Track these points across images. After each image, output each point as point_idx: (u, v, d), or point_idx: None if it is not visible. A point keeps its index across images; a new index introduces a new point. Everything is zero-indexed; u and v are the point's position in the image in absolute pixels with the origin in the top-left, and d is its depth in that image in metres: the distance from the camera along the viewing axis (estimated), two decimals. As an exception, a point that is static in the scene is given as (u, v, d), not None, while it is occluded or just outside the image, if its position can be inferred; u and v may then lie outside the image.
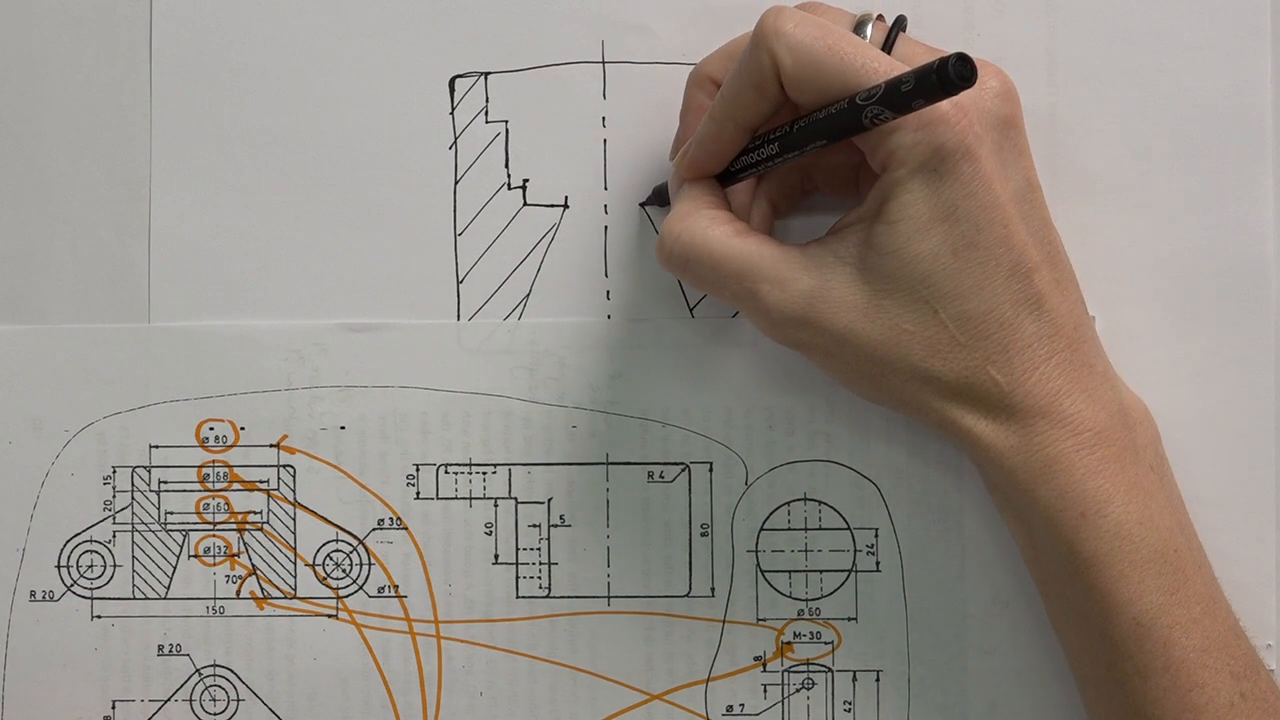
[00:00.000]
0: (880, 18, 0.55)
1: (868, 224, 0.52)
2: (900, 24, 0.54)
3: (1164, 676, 0.51)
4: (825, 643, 0.60)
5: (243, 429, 0.60)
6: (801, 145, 0.52)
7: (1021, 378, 0.51)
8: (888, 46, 0.53)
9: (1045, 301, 0.52)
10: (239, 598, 0.60)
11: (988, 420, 0.52)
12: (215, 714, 0.60)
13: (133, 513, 0.61)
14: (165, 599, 0.61)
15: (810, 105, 0.51)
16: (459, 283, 0.61)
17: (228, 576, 0.61)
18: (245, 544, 0.61)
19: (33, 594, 0.61)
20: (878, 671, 0.60)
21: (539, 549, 0.60)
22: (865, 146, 0.52)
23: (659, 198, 0.60)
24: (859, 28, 0.54)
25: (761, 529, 0.60)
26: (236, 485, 0.60)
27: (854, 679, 0.60)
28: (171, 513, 0.61)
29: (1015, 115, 0.53)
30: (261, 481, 0.61)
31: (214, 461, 0.60)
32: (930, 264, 0.50)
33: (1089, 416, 0.52)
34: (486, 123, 0.61)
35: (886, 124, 0.49)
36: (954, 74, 0.45)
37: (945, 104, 0.49)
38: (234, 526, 0.61)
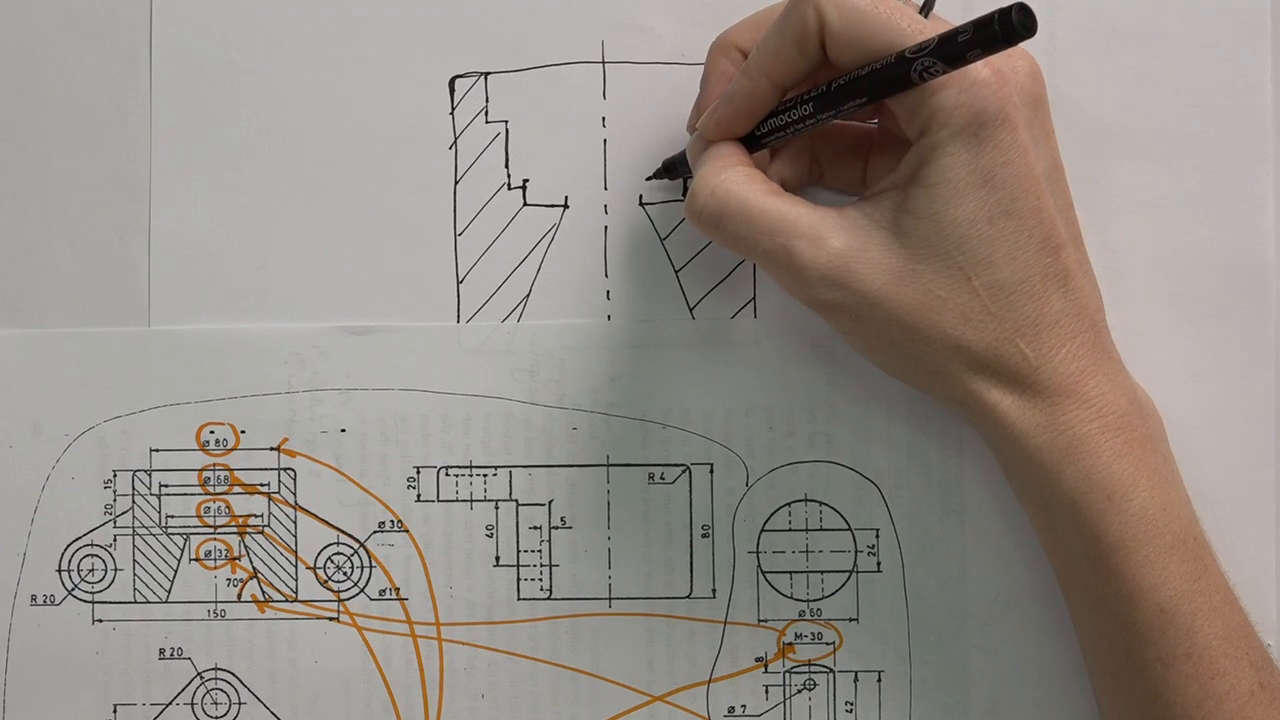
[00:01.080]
0: None
1: (903, 188, 0.51)
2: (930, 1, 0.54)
3: (1186, 664, 0.51)
4: (827, 643, 0.60)
5: (243, 432, 0.60)
6: (840, 104, 0.51)
7: (1049, 354, 0.51)
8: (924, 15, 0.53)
9: (1072, 279, 0.52)
10: (240, 601, 0.61)
11: (1013, 396, 0.52)
12: (217, 717, 0.60)
13: (133, 516, 0.61)
14: (166, 603, 0.61)
15: (850, 65, 0.51)
16: (459, 283, 0.61)
17: (229, 580, 0.61)
18: (246, 547, 0.61)
19: (34, 598, 0.61)
20: (879, 672, 0.60)
21: (540, 551, 0.60)
22: (903, 109, 0.51)
23: (668, 171, 0.59)
24: None
25: (762, 530, 0.60)
26: (237, 488, 0.60)
27: (856, 680, 0.60)
28: (172, 516, 0.61)
29: (1043, 96, 0.53)
30: (262, 485, 0.61)
31: (214, 465, 0.60)
32: (966, 229, 0.50)
33: (1112, 399, 0.52)
34: (486, 123, 0.61)
35: (929, 84, 0.49)
36: (1017, 23, 0.45)
37: (985, 70, 0.49)
38: (235, 530, 0.61)
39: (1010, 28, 0.45)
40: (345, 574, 0.60)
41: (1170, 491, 0.52)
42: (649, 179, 0.60)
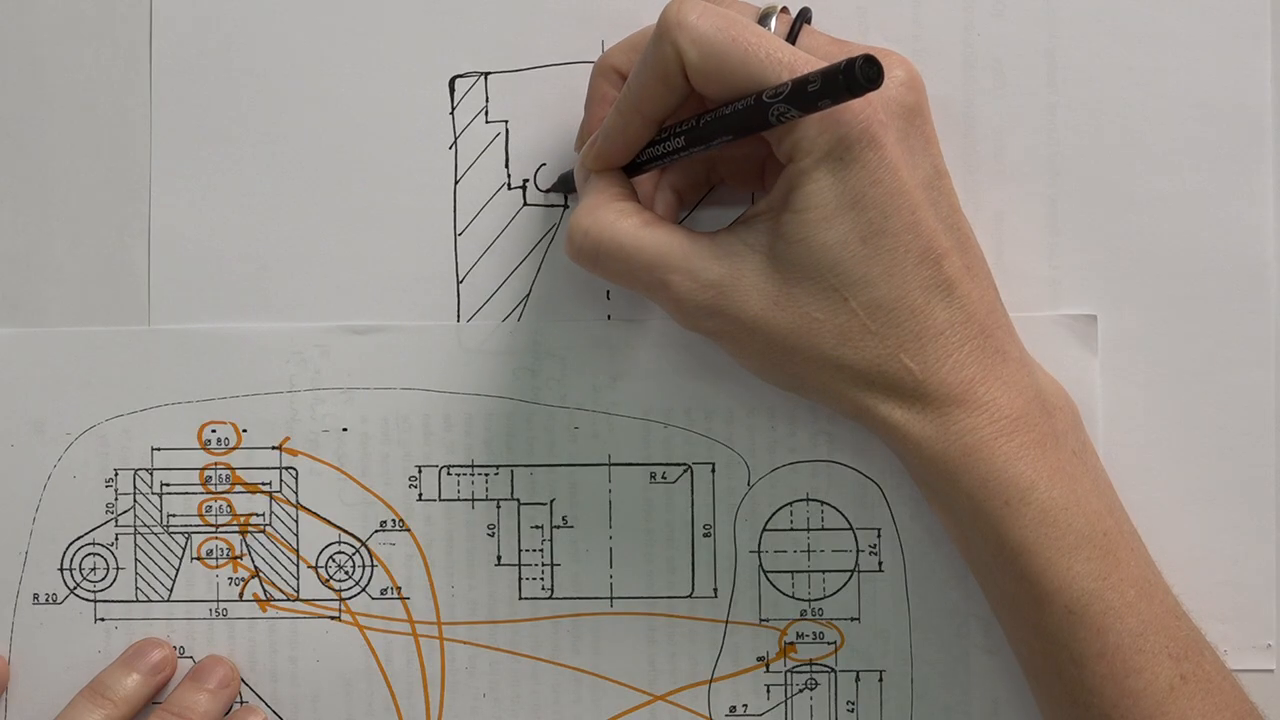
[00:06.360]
0: (785, 10, 0.54)
1: (776, 213, 0.51)
2: (804, 16, 0.54)
3: (1100, 663, 0.51)
4: (828, 643, 0.60)
5: (245, 431, 0.60)
6: (708, 139, 0.52)
7: (935, 365, 0.51)
8: (791, 39, 0.53)
9: (956, 288, 0.51)
10: (242, 600, 0.60)
11: (903, 409, 0.52)
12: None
13: (135, 515, 0.60)
14: (168, 601, 0.61)
15: (716, 97, 0.51)
16: (459, 283, 0.61)
17: (230, 579, 0.60)
18: (248, 546, 0.60)
19: (36, 596, 0.60)
20: (880, 671, 0.60)
21: (541, 550, 0.60)
22: (771, 137, 0.51)
23: (564, 185, 0.60)
24: (764, 20, 0.54)
25: (764, 529, 0.60)
26: (239, 487, 0.60)
27: (857, 679, 0.60)
28: (174, 515, 0.60)
29: (921, 104, 0.53)
30: (264, 484, 0.60)
31: (216, 464, 0.60)
32: (839, 252, 0.50)
33: (1005, 403, 0.52)
34: (486, 123, 0.61)
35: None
36: (860, 75, 0.45)
37: None
38: (236, 529, 0.60)
39: (854, 81, 0.45)
40: (347, 573, 0.60)
41: (1074, 489, 0.52)
42: (546, 190, 0.60)
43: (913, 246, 0.51)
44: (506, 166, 0.61)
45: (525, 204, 0.61)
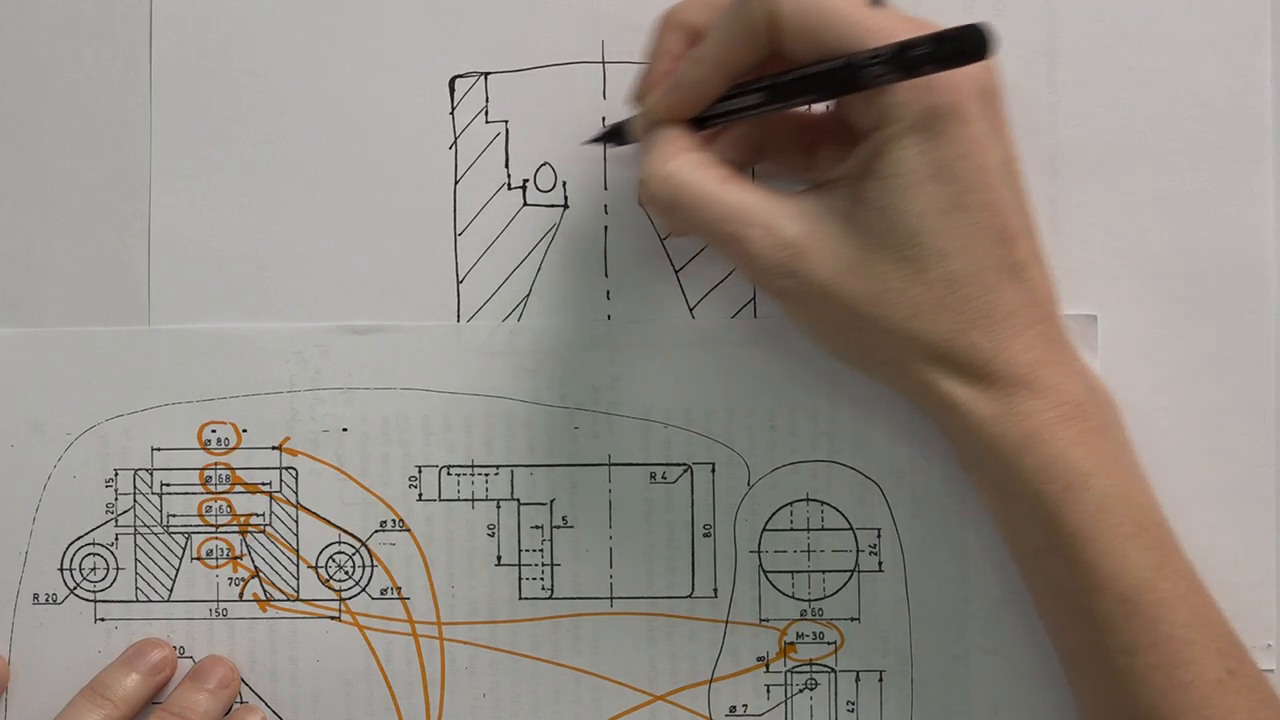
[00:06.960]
0: None
1: (858, 179, 0.51)
2: None
3: (1151, 653, 0.51)
4: (828, 643, 0.60)
5: (245, 431, 0.60)
6: (790, 97, 0.51)
7: (1003, 344, 0.51)
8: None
9: (1026, 270, 0.51)
10: (242, 600, 0.60)
11: (968, 387, 0.52)
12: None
13: (135, 515, 0.60)
14: (168, 601, 0.61)
15: (802, 57, 0.51)
16: (459, 283, 0.60)
17: (230, 579, 0.60)
18: (248, 546, 0.60)
19: (36, 597, 0.60)
20: (880, 672, 0.60)
21: (541, 550, 0.60)
22: (856, 102, 0.51)
23: (615, 136, 0.59)
24: None
25: (764, 529, 0.60)
26: (239, 487, 0.60)
27: (857, 679, 0.60)
28: (174, 515, 0.60)
29: (999, 87, 0.52)
30: (264, 484, 0.60)
31: (216, 464, 0.60)
32: (919, 222, 0.50)
33: (1068, 388, 0.51)
34: (486, 123, 0.61)
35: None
36: (973, 43, 0.45)
37: None
38: (236, 529, 0.60)
39: (973, 46, 0.45)
40: (347, 573, 0.60)
41: (1129, 479, 0.52)
42: (589, 142, 0.60)
43: (990, 225, 0.51)
44: (506, 166, 0.61)
45: (525, 204, 0.61)
